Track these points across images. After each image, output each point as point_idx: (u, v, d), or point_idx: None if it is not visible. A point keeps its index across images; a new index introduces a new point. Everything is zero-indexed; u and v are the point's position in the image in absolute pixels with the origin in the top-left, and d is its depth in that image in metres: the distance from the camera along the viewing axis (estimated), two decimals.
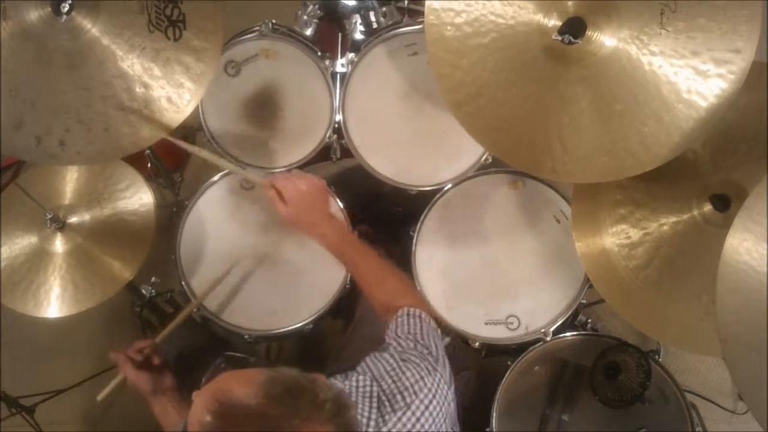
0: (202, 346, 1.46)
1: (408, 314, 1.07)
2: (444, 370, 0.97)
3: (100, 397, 1.21)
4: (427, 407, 0.91)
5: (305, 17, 1.51)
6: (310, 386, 0.77)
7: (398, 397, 0.91)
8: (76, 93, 1.10)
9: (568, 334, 1.37)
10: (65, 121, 1.10)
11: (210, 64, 1.14)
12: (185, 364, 1.36)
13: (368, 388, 0.91)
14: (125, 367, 1.19)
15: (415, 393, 0.91)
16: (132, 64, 1.11)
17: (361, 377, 0.93)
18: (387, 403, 0.90)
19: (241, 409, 0.73)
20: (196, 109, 1.34)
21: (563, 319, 1.38)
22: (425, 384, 0.92)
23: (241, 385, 0.75)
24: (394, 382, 0.92)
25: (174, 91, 1.13)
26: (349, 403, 0.81)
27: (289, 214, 1.15)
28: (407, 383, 0.92)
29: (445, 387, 0.95)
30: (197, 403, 0.76)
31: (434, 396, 0.92)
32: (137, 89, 1.11)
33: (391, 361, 0.96)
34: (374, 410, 0.89)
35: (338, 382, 0.93)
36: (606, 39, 1.06)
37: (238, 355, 0.89)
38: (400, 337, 1.02)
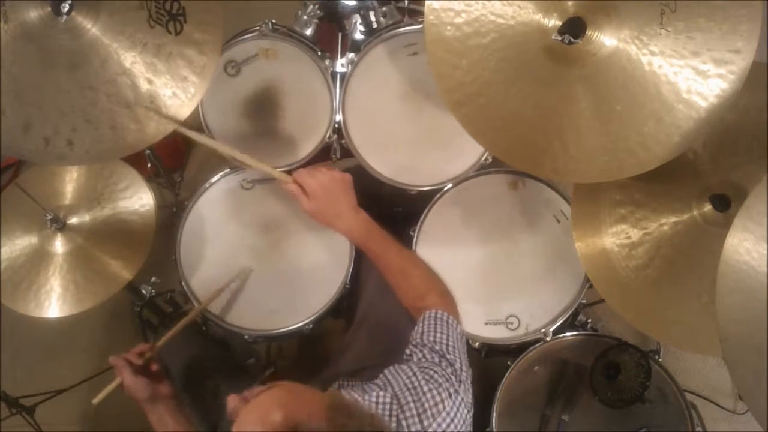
0: (208, 354, 1.46)
1: (435, 318, 1.06)
2: (466, 393, 0.96)
3: (95, 400, 1.19)
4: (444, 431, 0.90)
5: (305, 17, 1.51)
6: None
7: (416, 419, 0.90)
8: (81, 92, 1.10)
9: (568, 334, 1.37)
10: (72, 121, 1.10)
11: (212, 57, 1.14)
12: (193, 375, 1.35)
13: (388, 407, 0.91)
14: (123, 371, 1.16)
15: (433, 416, 0.91)
16: (135, 60, 1.11)
17: (381, 393, 0.93)
18: (404, 423, 0.90)
19: None
20: (196, 109, 1.34)
21: (563, 319, 1.38)
22: (444, 407, 0.92)
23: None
24: (413, 401, 0.92)
25: (178, 84, 1.13)
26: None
27: (313, 209, 1.16)
28: (426, 405, 0.91)
29: (465, 410, 0.94)
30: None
31: (452, 420, 0.92)
32: (142, 85, 1.11)
33: (412, 376, 0.95)
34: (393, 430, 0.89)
35: (357, 396, 0.93)
36: (606, 39, 1.06)
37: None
38: (426, 345, 1.01)
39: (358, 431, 0.76)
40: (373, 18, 1.48)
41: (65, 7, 1.07)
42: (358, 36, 1.52)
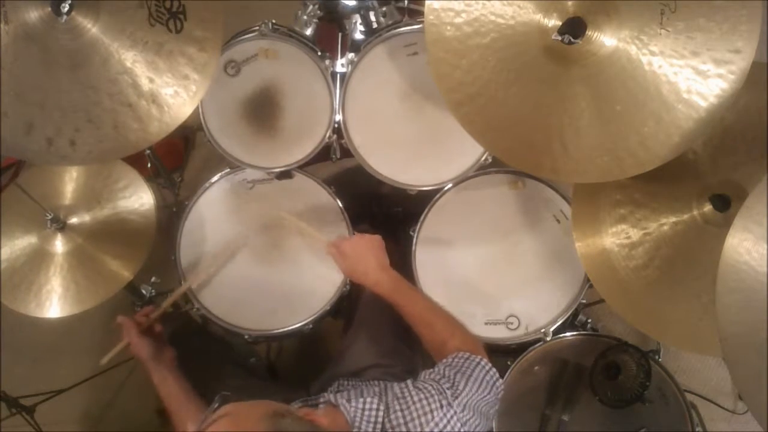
0: (194, 330, 1.48)
1: (467, 358, 1.03)
2: (464, 412, 0.93)
3: (104, 360, 1.25)
4: None
5: (305, 17, 1.52)
6: None
7: (403, 428, 0.90)
8: (82, 92, 1.10)
9: (568, 334, 1.37)
10: (74, 121, 1.10)
11: (213, 54, 1.14)
12: (178, 345, 1.37)
13: (374, 413, 0.91)
14: (130, 331, 1.23)
15: (420, 425, 0.90)
16: (136, 59, 1.11)
17: (369, 399, 0.93)
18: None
19: None
20: (196, 109, 1.34)
21: (563, 319, 1.38)
22: (433, 417, 0.90)
23: None
24: (401, 409, 0.92)
25: (180, 83, 1.13)
26: None
27: (344, 267, 1.26)
28: (414, 414, 0.91)
29: (458, 425, 0.92)
30: None
31: None
32: (143, 84, 1.11)
33: (404, 388, 0.96)
34: None
35: (345, 402, 0.92)
36: (606, 39, 1.06)
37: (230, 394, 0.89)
38: (436, 370, 1.01)
39: None
40: (373, 18, 1.48)
41: (65, 7, 1.07)
42: (358, 36, 1.52)
